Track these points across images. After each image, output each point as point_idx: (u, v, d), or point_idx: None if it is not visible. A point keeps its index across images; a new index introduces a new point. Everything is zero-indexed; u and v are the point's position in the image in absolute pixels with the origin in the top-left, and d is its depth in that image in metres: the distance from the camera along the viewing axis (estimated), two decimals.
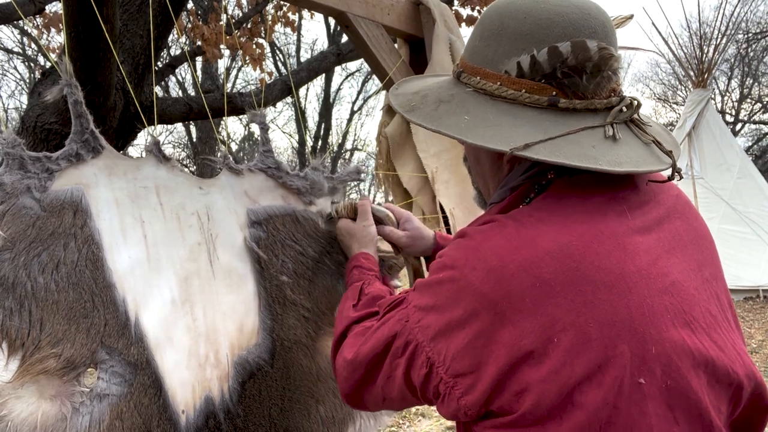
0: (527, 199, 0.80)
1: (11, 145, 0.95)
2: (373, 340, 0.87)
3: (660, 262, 0.73)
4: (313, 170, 1.33)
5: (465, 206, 2.00)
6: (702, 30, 9.42)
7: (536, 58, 0.74)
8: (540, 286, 0.68)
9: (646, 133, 0.79)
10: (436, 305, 0.77)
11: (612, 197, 0.77)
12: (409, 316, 0.81)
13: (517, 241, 0.72)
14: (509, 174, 0.86)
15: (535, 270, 0.69)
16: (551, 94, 0.75)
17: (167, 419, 1.04)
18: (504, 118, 0.76)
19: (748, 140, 21.28)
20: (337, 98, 22.04)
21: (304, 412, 1.25)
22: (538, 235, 0.71)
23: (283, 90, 4.08)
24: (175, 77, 16.37)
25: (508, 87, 0.77)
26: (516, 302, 0.68)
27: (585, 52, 0.72)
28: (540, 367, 0.67)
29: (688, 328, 0.70)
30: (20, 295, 0.94)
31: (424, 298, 0.80)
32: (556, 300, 0.67)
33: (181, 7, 2.78)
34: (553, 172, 0.80)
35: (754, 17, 17.61)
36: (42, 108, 2.05)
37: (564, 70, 0.74)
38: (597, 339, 0.66)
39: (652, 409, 0.66)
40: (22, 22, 8.01)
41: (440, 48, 1.98)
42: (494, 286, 0.70)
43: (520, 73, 0.76)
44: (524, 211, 0.77)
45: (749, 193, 8.59)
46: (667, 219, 0.79)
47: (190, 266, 1.13)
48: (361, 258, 1.20)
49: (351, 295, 1.08)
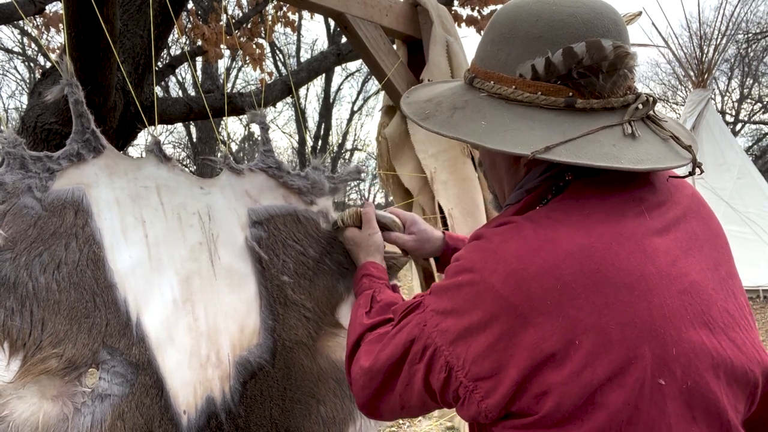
0: (544, 200, 0.80)
1: (12, 144, 0.95)
2: (390, 347, 0.85)
3: (678, 262, 0.73)
4: (314, 170, 1.33)
5: (463, 207, 1.99)
6: (702, 30, 9.42)
7: (551, 60, 0.74)
8: (561, 288, 0.67)
9: (664, 129, 0.79)
10: (455, 309, 0.75)
11: (630, 197, 0.77)
12: (427, 320, 0.80)
13: (536, 243, 0.71)
14: (526, 176, 0.85)
15: (556, 272, 0.68)
16: (567, 95, 0.75)
17: (169, 419, 1.04)
18: (521, 122, 0.76)
19: (748, 140, 21.28)
20: (337, 98, 22.05)
21: (305, 413, 1.25)
22: (557, 237, 0.71)
23: (283, 90, 4.08)
24: (175, 77, 16.38)
25: (523, 90, 0.77)
26: (537, 305, 0.68)
27: (600, 51, 0.72)
28: (561, 369, 0.66)
29: (706, 328, 0.70)
30: (21, 295, 0.93)
31: (442, 302, 0.78)
32: (578, 302, 0.67)
33: (181, 7, 2.78)
34: (571, 174, 0.79)
35: (754, 17, 17.62)
36: (42, 108, 2.05)
37: (580, 71, 0.73)
38: (618, 341, 0.66)
39: (672, 409, 0.67)
40: (22, 22, 8.01)
41: (437, 50, 1.98)
42: (515, 289, 0.69)
43: (535, 75, 0.75)
44: (541, 212, 0.76)
45: (749, 193, 8.59)
46: (684, 219, 0.79)
47: (192, 266, 1.13)
48: (369, 267, 1.19)
49: (363, 303, 1.07)
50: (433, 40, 1.98)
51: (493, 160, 0.93)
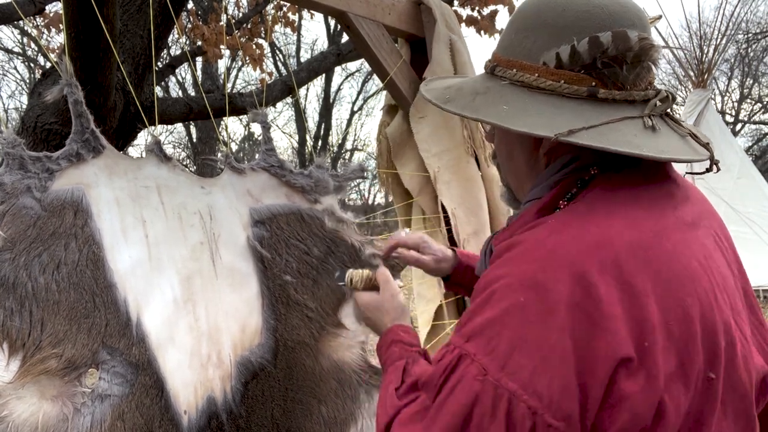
0: (568, 194, 0.77)
1: (11, 145, 0.95)
2: (441, 420, 0.69)
3: (711, 257, 0.72)
4: (318, 168, 1.32)
5: (467, 207, 1.99)
6: (702, 30, 9.41)
7: (576, 48, 0.73)
8: (624, 288, 0.64)
9: (682, 126, 0.79)
10: (521, 339, 0.64)
11: (662, 192, 0.76)
12: (487, 368, 0.66)
13: (590, 240, 0.67)
14: (546, 169, 0.83)
15: (617, 270, 0.65)
16: (590, 84, 0.75)
17: (169, 420, 1.04)
18: (544, 107, 0.75)
19: (748, 140, 21.28)
20: (337, 98, 22.04)
21: (306, 413, 1.24)
22: (608, 234, 0.68)
23: (283, 90, 4.08)
24: (175, 77, 16.37)
25: (546, 78, 0.76)
26: (606, 308, 0.63)
27: (626, 42, 0.72)
28: (637, 375, 0.62)
29: (736, 323, 0.71)
30: (21, 296, 0.93)
31: (499, 340, 0.66)
32: (641, 301, 0.64)
33: (181, 7, 2.78)
34: (596, 168, 0.78)
35: (754, 17, 17.62)
36: (42, 108, 2.05)
37: (604, 60, 0.73)
38: (679, 338, 0.65)
39: (716, 404, 0.66)
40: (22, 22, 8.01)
41: (440, 48, 1.97)
42: (584, 295, 0.63)
43: (559, 64, 0.75)
44: (579, 208, 0.73)
45: (749, 194, 8.59)
46: (704, 216, 0.79)
47: (192, 266, 1.12)
48: (399, 332, 1.02)
49: (393, 378, 0.90)
50: (437, 38, 1.98)
51: (510, 150, 0.90)
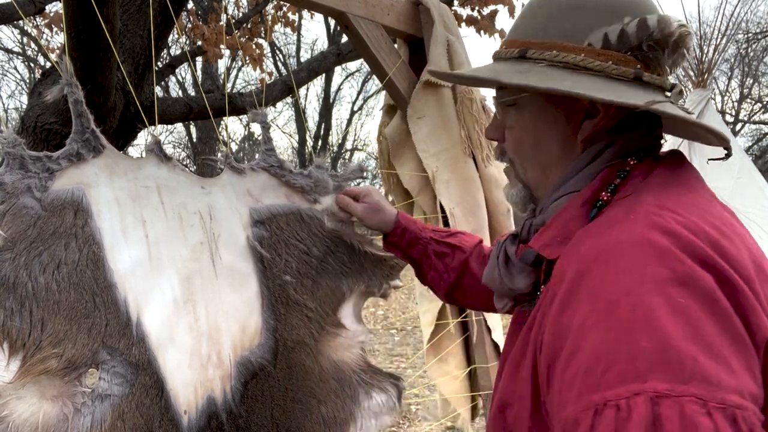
0: (611, 186, 0.75)
1: (12, 144, 0.95)
2: None
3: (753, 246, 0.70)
4: (318, 168, 1.32)
5: (465, 206, 1.99)
6: (702, 30, 9.40)
7: (626, 30, 0.73)
8: (733, 267, 0.61)
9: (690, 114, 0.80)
10: (702, 341, 0.55)
11: (699, 179, 0.76)
12: (701, 396, 0.52)
13: (693, 227, 0.63)
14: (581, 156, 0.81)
15: (720, 252, 0.61)
16: (636, 67, 0.74)
17: (169, 420, 1.04)
18: (598, 85, 0.73)
19: (748, 140, 21.28)
20: (337, 98, 22.05)
21: (306, 413, 1.24)
22: (696, 228, 0.63)
23: (283, 90, 4.08)
24: (175, 77, 16.38)
25: (593, 59, 0.74)
26: (741, 288, 0.59)
27: (669, 27, 0.72)
28: None
29: None
30: (21, 296, 0.93)
31: (681, 355, 0.54)
32: (741, 291, 0.60)
33: (181, 7, 2.78)
34: (634, 158, 0.77)
35: (754, 17, 17.62)
36: (42, 108, 2.05)
37: (649, 44, 0.73)
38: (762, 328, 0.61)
39: None
40: (22, 22, 8.01)
41: (438, 50, 1.97)
42: (721, 280, 0.59)
43: (606, 44, 0.74)
44: (649, 202, 0.68)
45: (749, 193, 8.54)
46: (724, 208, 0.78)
47: (192, 266, 1.13)
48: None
49: None
50: (435, 39, 1.98)
51: (539, 138, 0.83)
